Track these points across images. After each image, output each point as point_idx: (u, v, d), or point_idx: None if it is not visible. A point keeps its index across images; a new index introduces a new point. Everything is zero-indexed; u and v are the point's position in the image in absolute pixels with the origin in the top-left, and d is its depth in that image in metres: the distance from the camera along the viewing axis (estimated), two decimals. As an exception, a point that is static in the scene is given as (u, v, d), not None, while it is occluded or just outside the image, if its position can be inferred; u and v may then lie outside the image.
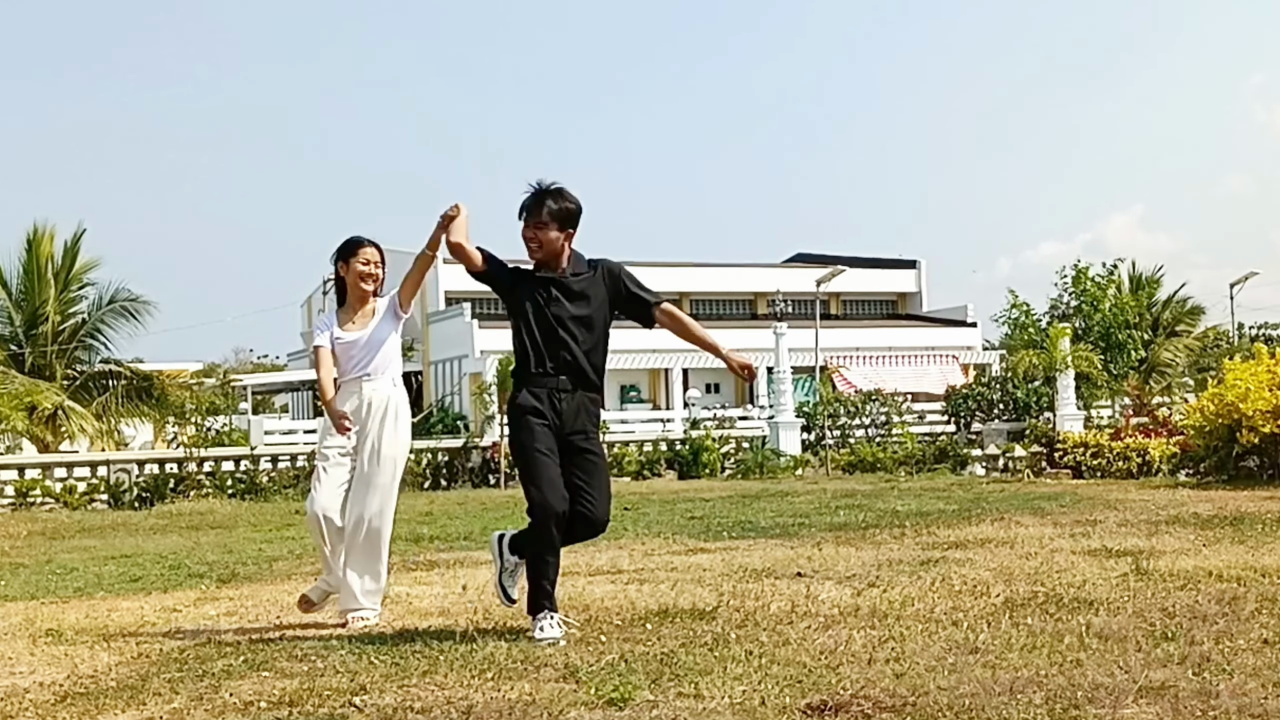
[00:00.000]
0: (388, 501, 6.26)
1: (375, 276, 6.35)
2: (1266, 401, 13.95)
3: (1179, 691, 4.11)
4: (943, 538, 9.01)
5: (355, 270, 6.30)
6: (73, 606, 7.24)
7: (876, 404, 28.20)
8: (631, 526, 11.30)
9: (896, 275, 47.94)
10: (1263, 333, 40.78)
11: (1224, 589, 6.12)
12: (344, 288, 6.38)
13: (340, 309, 6.40)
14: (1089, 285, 32.89)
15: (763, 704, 4.14)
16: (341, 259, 6.33)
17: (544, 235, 5.60)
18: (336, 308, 6.43)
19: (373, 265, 6.33)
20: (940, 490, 14.75)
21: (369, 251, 6.34)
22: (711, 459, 22.19)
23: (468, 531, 11.44)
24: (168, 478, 19.15)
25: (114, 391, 25.64)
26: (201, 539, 12.14)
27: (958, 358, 41.78)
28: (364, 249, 6.33)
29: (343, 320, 6.33)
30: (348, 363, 6.26)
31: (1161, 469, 18.17)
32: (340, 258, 6.34)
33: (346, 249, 6.33)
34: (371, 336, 6.26)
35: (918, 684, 4.32)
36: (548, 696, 4.33)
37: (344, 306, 6.39)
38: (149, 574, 8.94)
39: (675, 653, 4.96)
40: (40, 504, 18.23)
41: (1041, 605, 5.83)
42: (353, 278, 6.31)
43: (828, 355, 35.00)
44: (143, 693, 4.66)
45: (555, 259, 5.66)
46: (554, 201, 5.61)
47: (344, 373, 6.28)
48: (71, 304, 26.37)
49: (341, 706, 4.32)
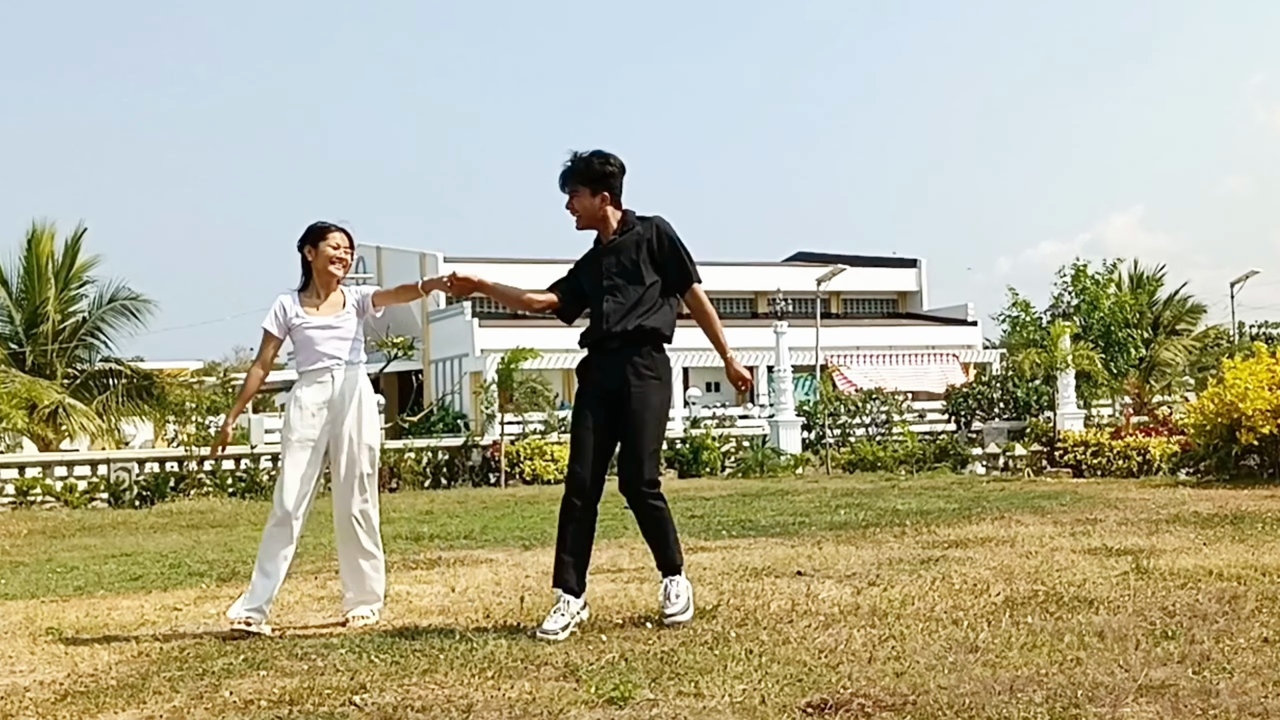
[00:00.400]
0: (375, 490, 6.12)
1: (345, 262, 6.14)
2: (1266, 401, 13.93)
3: (1179, 690, 4.11)
4: (943, 536, 9.01)
5: (325, 254, 6.07)
6: (73, 605, 7.24)
7: (877, 403, 28.23)
8: (632, 526, 11.29)
9: (897, 274, 47.98)
10: (1263, 332, 40.75)
11: (1224, 588, 6.12)
12: (308, 273, 6.13)
13: (302, 293, 6.13)
14: (1088, 284, 32.89)
15: (763, 702, 4.14)
16: (309, 243, 6.10)
17: (578, 202, 5.64)
18: (297, 291, 6.14)
19: (343, 250, 6.12)
20: (940, 489, 14.74)
21: (339, 236, 6.11)
22: (712, 458, 22.20)
23: (468, 530, 11.43)
24: (168, 476, 19.15)
25: (114, 390, 25.68)
26: (202, 538, 12.14)
27: (958, 357, 41.80)
28: (333, 233, 6.10)
29: (305, 305, 6.07)
30: (314, 348, 5.99)
31: (1162, 468, 18.17)
32: (308, 242, 6.10)
33: (315, 233, 6.10)
34: (345, 326, 6.06)
35: (918, 682, 4.31)
36: (548, 695, 4.33)
37: (306, 291, 6.13)
38: (149, 573, 8.94)
39: (675, 651, 4.96)
40: (40, 502, 18.23)
41: (1042, 604, 5.82)
42: (322, 262, 6.07)
43: (828, 354, 35.02)
44: (143, 692, 4.66)
45: (598, 224, 5.66)
46: (584, 165, 5.60)
47: (310, 360, 6.01)
48: (72, 303, 26.40)
49: (341, 705, 4.32)
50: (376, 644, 5.36)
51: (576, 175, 5.61)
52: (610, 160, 5.63)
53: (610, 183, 5.63)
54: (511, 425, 23.55)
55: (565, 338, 36.27)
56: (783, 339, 26.51)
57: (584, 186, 5.59)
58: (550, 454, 21.12)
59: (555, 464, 20.94)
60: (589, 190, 5.59)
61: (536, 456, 21.08)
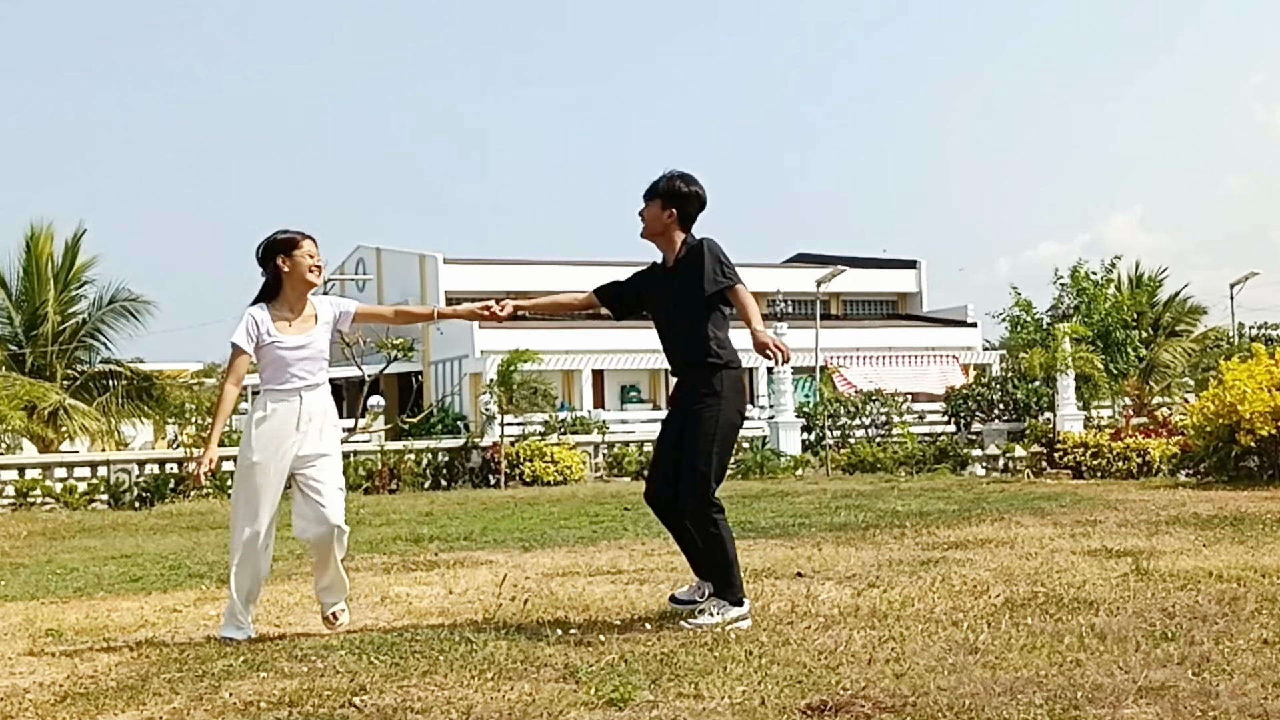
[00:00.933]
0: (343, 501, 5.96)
1: (320, 270, 5.92)
2: (1265, 403, 13.94)
3: (1179, 691, 4.11)
4: (943, 538, 9.02)
5: (301, 265, 5.79)
6: (73, 606, 7.24)
7: (877, 404, 28.23)
8: (631, 526, 11.31)
9: (896, 275, 47.97)
10: (1263, 333, 40.74)
11: (1224, 589, 6.12)
12: (276, 285, 5.83)
13: (272, 305, 5.83)
14: (1086, 285, 32.85)
15: (763, 704, 4.14)
16: (282, 253, 5.79)
17: (647, 211, 5.86)
18: (265, 304, 5.83)
19: (317, 259, 5.87)
20: (940, 490, 14.74)
21: (311, 244, 5.86)
22: (712, 459, 22.19)
23: (468, 532, 11.43)
24: (168, 478, 19.15)
25: (114, 391, 25.70)
26: (201, 539, 12.14)
27: (958, 358, 41.78)
28: (306, 241, 5.85)
29: (276, 319, 5.79)
30: (285, 369, 5.77)
31: (1161, 469, 18.17)
32: (280, 251, 5.79)
33: (288, 243, 5.81)
34: (315, 344, 5.84)
35: (918, 684, 4.32)
36: (548, 696, 4.33)
37: (275, 303, 5.83)
38: (149, 574, 8.94)
39: (675, 653, 4.96)
40: (40, 504, 18.23)
41: (1041, 605, 5.83)
42: (299, 272, 5.79)
43: (828, 355, 34.98)
44: (143, 693, 4.66)
45: (658, 238, 5.86)
46: (664, 181, 5.84)
47: (277, 380, 5.78)
48: (71, 304, 26.42)
49: (341, 706, 4.32)
50: (376, 645, 5.37)
51: (656, 190, 5.83)
52: (690, 183, 5.85)
53: (680, 202, 5.82)
54: (511, 427, 23.55)
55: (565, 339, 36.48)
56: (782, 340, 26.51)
57: (657, 198, 5.82)
58: (550, 455, 21.12)
59: (555, 465, 20.94)
60: (660, 202, 5.81)
61: (536, 458, 21.08)
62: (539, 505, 15.07)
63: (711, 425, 5.69)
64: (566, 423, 25.56)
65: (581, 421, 27.67)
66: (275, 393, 5.79)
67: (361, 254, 41.95)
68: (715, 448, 5.70)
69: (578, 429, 25.44)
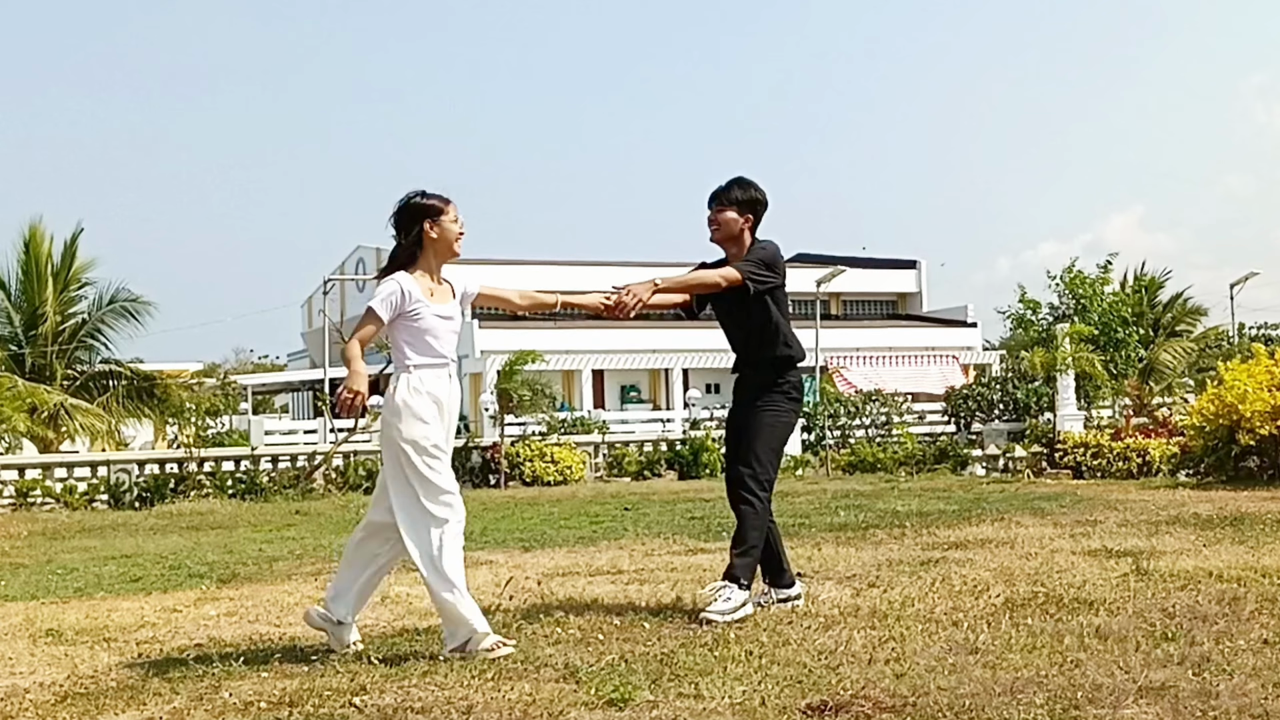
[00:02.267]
0: None
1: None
2: (1265, 403, 13.93)
3: (1179, 692, 4.11)
4: (943, 538, 9.01)
5: (450, 232, 5.28)
6: (73, 606, 7.24)
7: (877, 404, 28.20)
8: (632, 526, 11.31)
9: (896, 275, 47.99)
10: (1263, 333, 40.76)
11: (1224, 589, 6.12)
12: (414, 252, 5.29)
13: (415, 274, 5.27)
14: (1081, 288, 32.81)
15: (763, 704, 4.14)
16: (429, 218, 5.25)
17: (722, 216, 5.98)
18: (406, 271, 5.27)
19: (462, 226, 5.37)
20: (940, 490, 14.74)
21: (455, 210, 5.34)
22: (712, 459, 22.17)
23: (467, 532, 11.31)
24: (168, 478, 19.14)
25: (114, 392, 25.68)
26: (202, 539, 12.14)
27: (958, 358, 41.81)
28: (451, 206, 5.31)
29: (423, 289, 5.24)
30: (437, 340, 5.24)
31: (1161, 469, 18.15)
32: (427, 215, 5.25)
33: (436, 208, 5.27)
34: (457, 317, 5.36)
35: (918, 684, 4.32)
36: (548, 697, 4.33)
37: (416, 272, 5.28)
38: (149, 574, 8.94)
39: (675, 653, 4.96)
40: (41, 504, 18.21)
41: (1042, 605, 5.83)
42: (446, 240, 5.28)
43: (828, 355, 35.00)
44: (143, 693, 4.66)
45: (732, 243, 5.98)
46: (738, 188, 5.99)
47: (429, 352, 5.21)
48: (71, 304, 26.39)
49: (341, 707, 4.32)
50: (376, 646, 5.37)
51: (731, 198, 5.97)
52: (762, 191, 6.02)
53: (756, 209, 6.01)
54: (512, 427, 23.54)
55: (565, 340, 36.53)
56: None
57: (733, 206, 5.96)
58: (550, 456, 21.11)
59: (555, 466, 20.93)
60: (736, 209, 5.96)
61: (537, 458, 21.07)
62: (539, 505, 15.07)
63: (770, 420, 5.95)
64: (567, 423, 25.55)
65: (582, 422, 27.67)
66: (428, 368, 5.20)
67: (361, 254, 41.90)
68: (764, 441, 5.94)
69: (578, 429, 25.44)
